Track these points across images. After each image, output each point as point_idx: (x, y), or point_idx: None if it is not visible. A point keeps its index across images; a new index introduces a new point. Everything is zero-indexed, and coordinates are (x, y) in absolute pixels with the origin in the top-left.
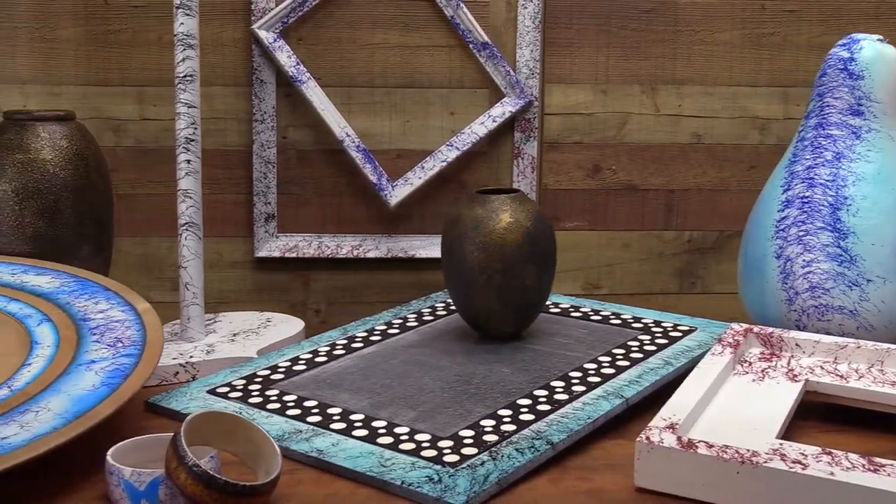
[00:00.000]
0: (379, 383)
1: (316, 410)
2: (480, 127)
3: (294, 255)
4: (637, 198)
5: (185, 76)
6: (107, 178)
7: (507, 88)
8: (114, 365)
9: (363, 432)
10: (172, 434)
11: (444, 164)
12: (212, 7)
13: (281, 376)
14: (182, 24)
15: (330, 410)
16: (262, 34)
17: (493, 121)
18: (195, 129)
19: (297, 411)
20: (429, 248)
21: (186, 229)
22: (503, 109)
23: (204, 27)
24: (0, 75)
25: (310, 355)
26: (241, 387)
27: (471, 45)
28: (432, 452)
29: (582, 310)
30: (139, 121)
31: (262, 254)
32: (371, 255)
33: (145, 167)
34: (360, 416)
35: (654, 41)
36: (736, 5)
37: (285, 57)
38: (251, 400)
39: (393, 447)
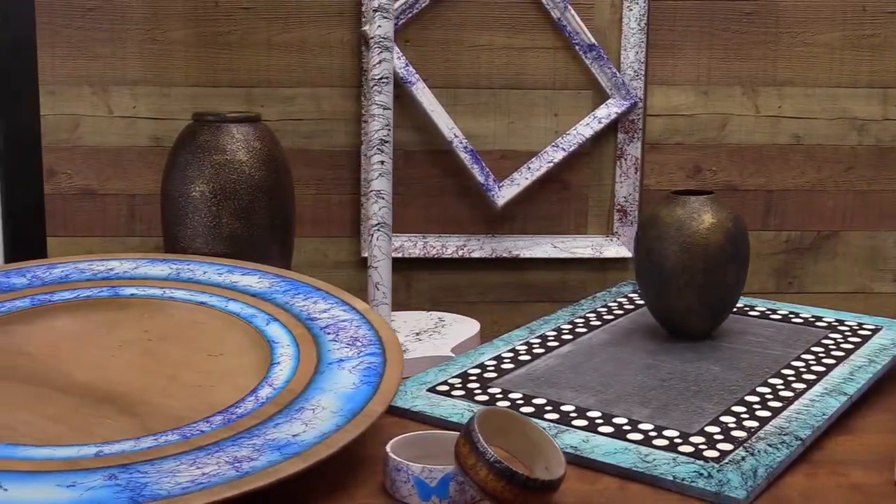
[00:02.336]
0: (595, 381)
1: (549, 408)
2: (586, 128)
3: (399, 255)
4: (736, 198)
5: (380, 78)
6: (291, 178)
7: (612, 90)
8: (364, 363)
9: (608, 429)
10: (462, 431)
11: (551, 164)
12: (320, 9)
13: (493, 375)
14: (380, 26)
15: (564, 408)
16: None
17: (599, 122)
18: (389, 130)
19: (529, 409)
20: (532, 248)
21: (378, 230)
22: (608, 111)
23: (312, 29)
24: (111, 76)
25: (511, 354)
26: (459, 385)
27: (577, 47)
28: (688, 448)
29: (758, 309)
30: None
31: (367, 253)
32: (475, 255)
33: None
34: (598, 413)
35: (756, 43)
36: (837, 7)
37: (395, 58)
38: (477, 398)
39: (645, 443)
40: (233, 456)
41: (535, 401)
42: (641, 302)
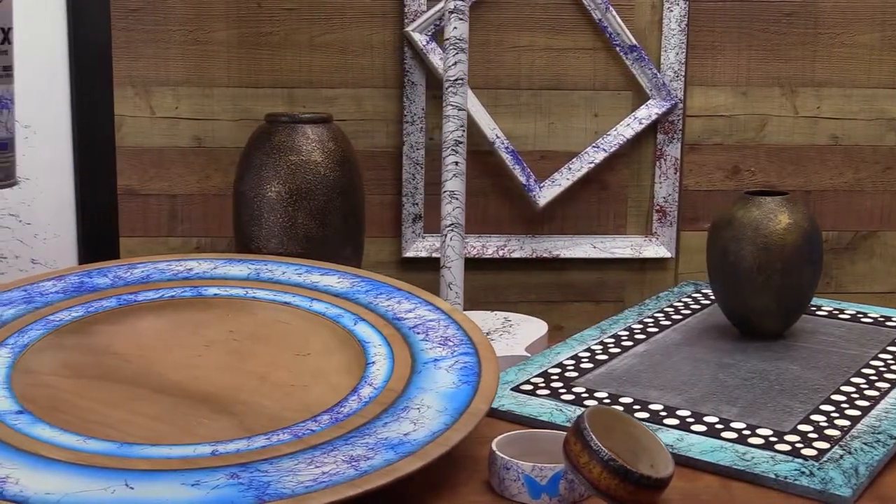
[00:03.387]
0: (676, 380)
1: (637, 407)
2: (626, 129)
3: (440, 255)
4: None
5: (455, 79)
6: (362, 179)
7: (652, 91)
8: (459, 363)
9: (701, 427)
10: (571, 429)
11: (591, 165)
12: (362, 10)
13: (574, 374)
14: (455, 28)
15: (652, 407)
16: (416, 37)
17: (640, 123)
18: (463, 131)
19: (618, 408)
20: (572, 248)
21: (452, 230)
22: (649, 111)
23: (354, 30)
24: (154, 77)
25: (587, 354)
26: (542, 384)
27: (617, 48)
28: (784, 446)
29: (825, 308)
30: None
31: (409, 254)
32: (516, 255)
33: None
34: (687, 412)
35: (795, 44)
36: (876, 8)
37: (437, 59)
38: (563, 397)
39: (741, 441)
40: (349, 455)
41: (622, 400)
42: (706, 302)
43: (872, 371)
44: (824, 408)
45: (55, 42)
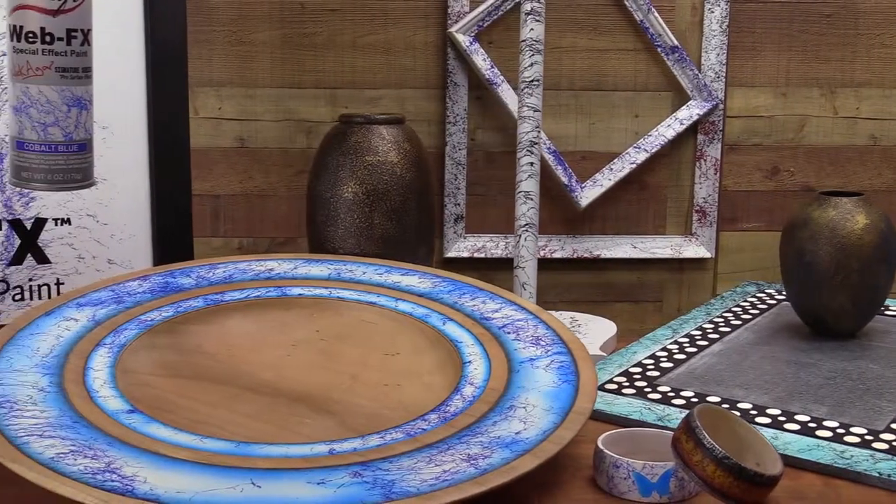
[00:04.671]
0: (759, 379)
1: (726, 406)
2: (667, 129)
3: (482, 255)
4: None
5: (531, 80)
6: (434, 179)
7: (693, 91)
8: (556, 362)
9: (794, 426)
10: (681, 428)
11: (633, 166)
12: (405, 11)
13: (656, 373)
14: (532, 29)
15: (741, 405)
16: (460, 37)
17: (681, 123)
18: (538, 132)
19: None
20: (612, 248)
21: (526, 230)
22: (689, 112)
23: (396, 31)
24: (197, 78)
25: (664, 353)
26: (627, 384)
27: (659, 49)
28: (882, 445)
29: (892, 308)
30: (331, 122)
31: (451, 254)
32: (557, 255)
33: None
34: (778, 411)
35: (834, 44)
36: None
37: (481, 60)
38: (650, 396)
39: (837, 440)
40: (466, 454)
41: (709, 398)
42: (772, 301)
43: None
44: None
45: (132, 43)
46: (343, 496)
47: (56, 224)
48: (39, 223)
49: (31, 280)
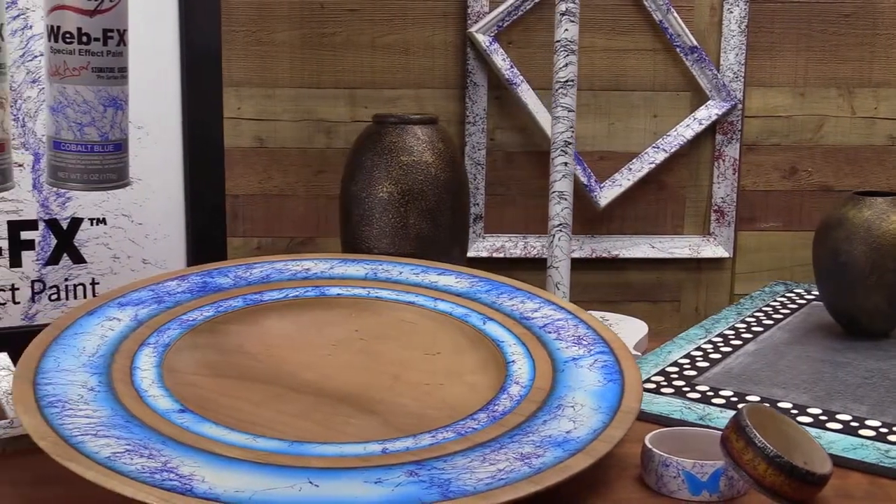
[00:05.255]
0: (797, 379)
1: (766, 405)
2: (686, 129)
3: (501, 255)
4: (831, 199)
5: (566, 81)
6: (467, 179)
7: (712, 91)
8: (599, 362)
9: (836, 425)
10: (731, 427)
11: (652, 166)
12: (425, 11)
13: (693, 372)
14: (566, 30)
15: (781, 404)
16: (480, 37)
17: (700, 123)
18: (572, 132)
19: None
20: (631, 248)
21: (560, 230)
22: (708, 112)
23: (416, 31)
24: None
25: (699, 353)
26: (665, 383)
27: (678, 49)
28: None
29: None
30: (350, 122)
31: (470, 254)
32: (575, 255)
33: None
34: (818, 410)
35: (853, 45)
36: None
37: (500, 60)
38: (689, 395)
39: (880, 439)
40: (518, 453)
41: (749, 398)
42: (802, 301)
43: None
44: None
45: (167, 43)
46: (401, 495)
47: (92, 224)
48: (75, 223)
49: (66, 280)
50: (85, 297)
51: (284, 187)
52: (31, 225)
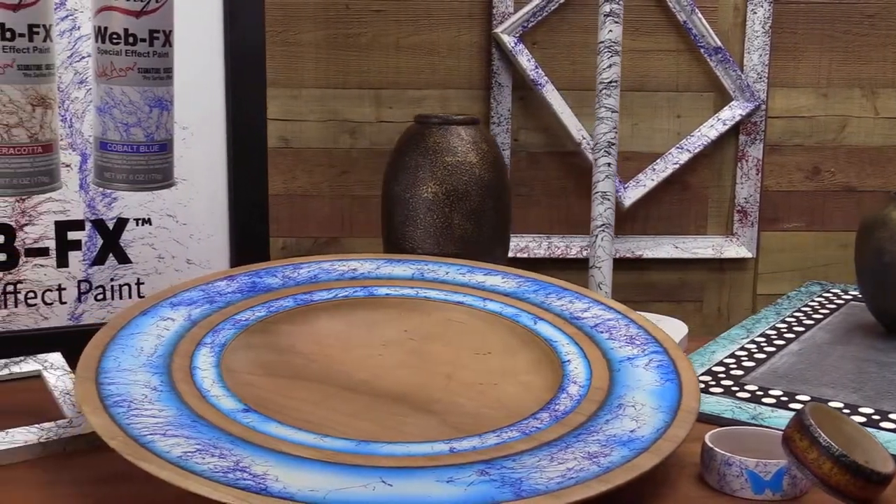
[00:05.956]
0: (844, 378)
1: (825, 405)
2: (710, 130)
3: (525, 255)
4: (854, 199)
5: (610, 82)
6: (509, 179)
7: (735, 92)
8: (654, 361)
9: (890, 425)
10: (793, 426)
11: (676, 166)
12: (450, 12)
13: (740, 372)
14: (610, 31)
15: (833, 404)
16: (505, 38)
17: (723, 124)
18: (615, 133)
19: (798, 406)
20: (654, 248)
21: (602, 230)
22: (732, 113)
23: (441, 32)
24: None
25: (744, 352)
26: (713, 382)
27: (702, 50)
28: None
29: None
30: (375, 123)
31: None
32: None
33: (380, 169)
34: (871, 410)
35: (876, 45)
36: None
37: (525, 60)
38: (738, 395)
39: None
40: (585, 452)
41: (799, 397)
42: (840, 301)
43: None
44: None
45: (211, 44)
46: (474, 494)
47: (137, 224)
48: (121, 223)
49: (112, 280)
50: (130, 297)
51: (309, 188)
52: (78, 225)
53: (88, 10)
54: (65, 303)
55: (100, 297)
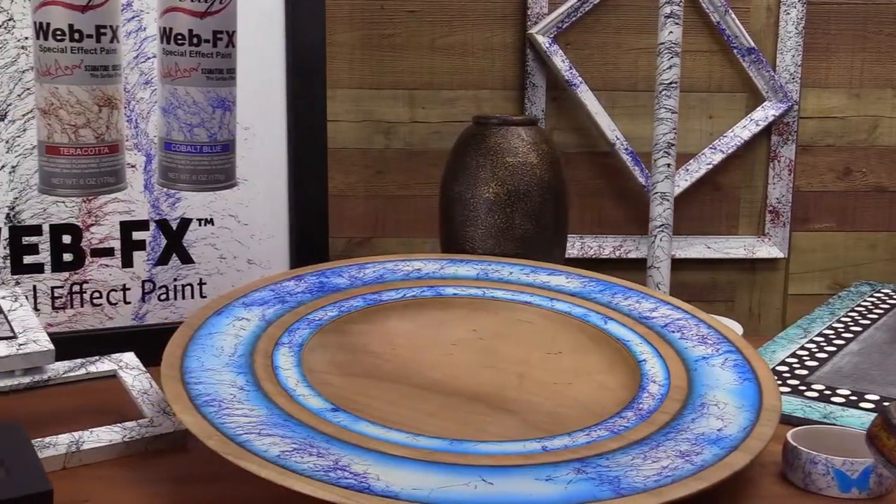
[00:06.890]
0: None
1: (886, 403)
2: (743, 130)
3: (648, 255)
4: (885, 199)
5: (669, 83)
6: (567, 180)
7: (768, 93)
8: (730, 361)
9: None
10: (879, 425)
11: (710, 167)
12: (484, 12)
13: (804, 372)
14: (671, 32)
15: None
16: (540, 39)
17: (756, 124)
18: (675, 134)
19: (868, 405)
20: (686, 248)
21: (661, 230)
22: (765, 113)
23: (475, 32)
24: None
25: (805, 352)
26: (779, 382)
27: (735, 51)
28: None
29: None
30: (409, 123)
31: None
32: (632, 255)
33: (413, 169)
34: None
35: None
36: None
37: (559, 61)
38: (806, 394)
39: None
40: (677, 450)
41: (868, 397)
42: (892, 301)
43: None
44: None
45: (273, 45)
46: (574, 492)
47: (200, 224)
48: (184, 223)
49: (175, 280)
50: (193, 297)
51: (344, 188)
52: (143, 225)
53: (154, 11)
54: (129, 303)
55: (163, 296)
